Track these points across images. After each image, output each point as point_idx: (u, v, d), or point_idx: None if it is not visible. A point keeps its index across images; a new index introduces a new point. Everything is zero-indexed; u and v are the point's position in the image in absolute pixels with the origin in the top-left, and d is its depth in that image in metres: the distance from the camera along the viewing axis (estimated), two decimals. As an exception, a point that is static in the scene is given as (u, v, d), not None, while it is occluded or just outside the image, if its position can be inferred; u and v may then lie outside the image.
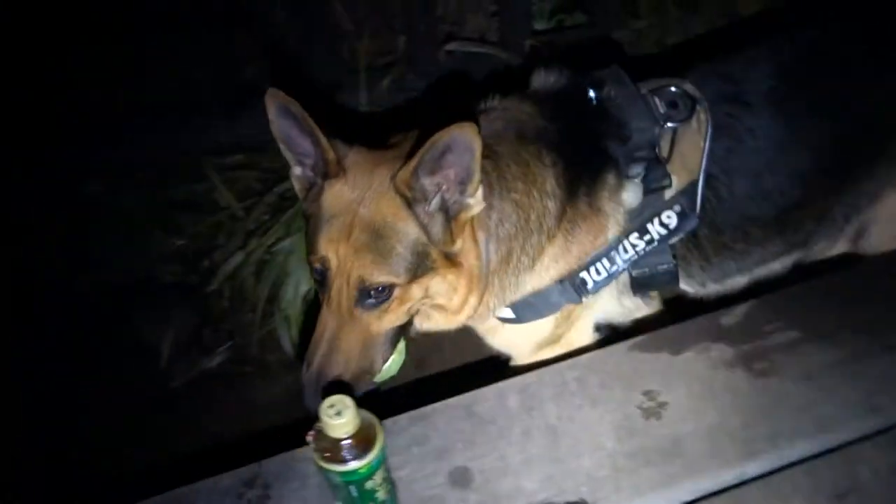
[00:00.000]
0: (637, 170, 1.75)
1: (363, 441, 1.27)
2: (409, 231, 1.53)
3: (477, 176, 1.51)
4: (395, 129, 1.77)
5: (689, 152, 1.80)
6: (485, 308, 1.74)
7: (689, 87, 1.82)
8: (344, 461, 1.25)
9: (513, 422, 1.55)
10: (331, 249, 1.55)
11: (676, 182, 1.79)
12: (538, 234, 1.71)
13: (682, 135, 1.80)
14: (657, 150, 1.76)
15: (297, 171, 1.65)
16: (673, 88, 1.80)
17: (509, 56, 3.17)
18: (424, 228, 1.54)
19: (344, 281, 1.54)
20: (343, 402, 1.25)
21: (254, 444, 1.65)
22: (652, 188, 1.76)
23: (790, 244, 2.01)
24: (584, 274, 1.76)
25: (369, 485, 1.29)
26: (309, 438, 1.29)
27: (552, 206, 1.71)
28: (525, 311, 1.80)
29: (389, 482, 1.35)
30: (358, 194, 1.56)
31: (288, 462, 1.53)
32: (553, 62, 1.89)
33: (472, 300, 1.67)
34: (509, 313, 1.82)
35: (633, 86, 1.80)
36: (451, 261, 1.59)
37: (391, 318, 1.58)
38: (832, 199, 1.98)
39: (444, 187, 1.53)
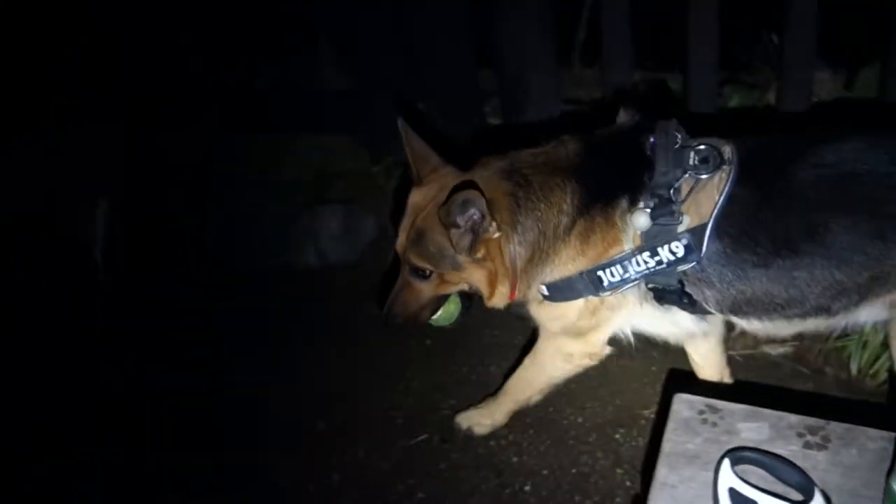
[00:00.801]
0: (652, 203, 2.15)
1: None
2: (442, 242, 2.22)
3: (488, 217, 2.15)
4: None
5: (704, 201, 2.14)
6: (519, 294, 2.33)
7: (726, 150, 2.14)
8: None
9: None
10: (399, 236, 2.33)
11: (689, 221, 2.14)
12: (554, 239, 2.24)
13: (703, 186, 2.14)
14: (671, 192, 2.14)
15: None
16: (702, 147, 2.14)
17: None
18: (453, 242, 2.19)
19: (403, 259, 2.32)
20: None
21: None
22: (658, 220, 2.14)
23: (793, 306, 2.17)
24: (600, 272, 2.22)
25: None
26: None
27: (565, 220, 2.23)
28: (555, 291, 2.32)
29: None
30: (425, 203, 2.28)
31: (854, 433, 1.76)
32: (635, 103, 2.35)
33: (501, 290, 2.31)
34: (545, 291, 2.34)
35: (674, 137, 2.18)
36: (478, 263, 2.24)
37: (434, 289, 2.34)
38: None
39: (474, 218, 2.13)
